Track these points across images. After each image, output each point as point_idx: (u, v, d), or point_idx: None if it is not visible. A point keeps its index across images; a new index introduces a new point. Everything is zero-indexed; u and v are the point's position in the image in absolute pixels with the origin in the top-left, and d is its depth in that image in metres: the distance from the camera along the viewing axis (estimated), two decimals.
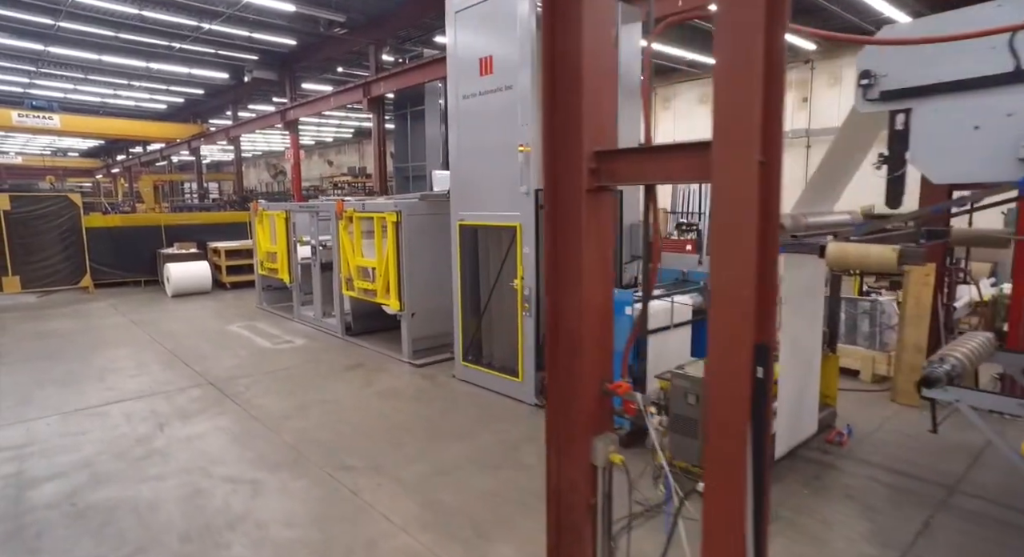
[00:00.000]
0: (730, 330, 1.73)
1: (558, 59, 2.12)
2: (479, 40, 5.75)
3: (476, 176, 6.00)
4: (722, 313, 1.73)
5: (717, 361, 1.77)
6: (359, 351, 7.81)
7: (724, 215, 1.70)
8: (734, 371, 1.73)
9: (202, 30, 13.20)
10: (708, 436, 1.83)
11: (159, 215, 14.80)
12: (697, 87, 17.37)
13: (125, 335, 8.83)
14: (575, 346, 2.23)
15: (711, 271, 1.76)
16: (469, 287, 6.41)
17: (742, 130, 1.64)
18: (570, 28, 2.06)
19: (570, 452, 2.33)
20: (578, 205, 2.11)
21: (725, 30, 1.64)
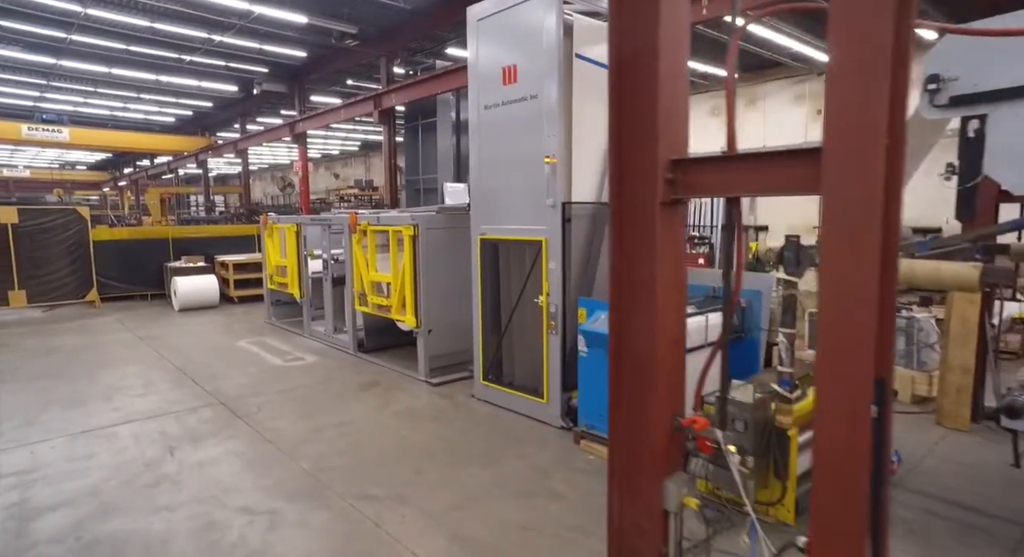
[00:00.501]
0: (845, 364, 1.50)
1: (628, 60, 1.92)
2: (503, 49, 5.58)
3: (498, 189, 5.81)
4: (835, 344, 1.50)
5: (829, 400, 1.54)
6: (373, 369, 7.57)
7: (840, 232, 1.48)
8: (851, 411, 1.50)
9: (212, 42, 13.15)
10: (817, 485, 1.59)
11: (166, 228, 14.66)
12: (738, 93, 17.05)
13: (132, 351, 8.62)
14: (645, 375, 2.00)
15: (821, 295, 1.54)
16: (489, 303, 6.18)
17: (863, 135, 1.42)
18: (645, 24, 1.85)
19: (636, 493, 2.08)
20: (651, 219, 1.89)
21: (845, 17, 1.43)
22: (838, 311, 1.47)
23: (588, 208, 5.62)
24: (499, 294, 6.22)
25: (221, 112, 21.78)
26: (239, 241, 14.74)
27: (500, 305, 6.21)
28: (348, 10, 11.43)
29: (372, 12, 11.60)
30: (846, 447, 1.50)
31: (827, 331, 1.51)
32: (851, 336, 1.47)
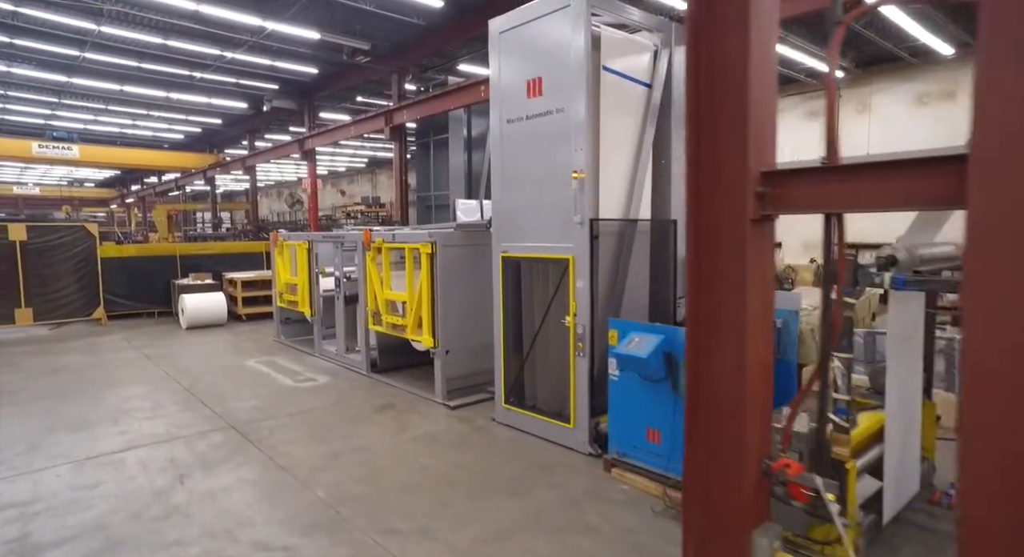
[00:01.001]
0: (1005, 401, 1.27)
1: (712, 62, 1.72)
2: (527, 62, 5.43)
3: (522, 205, 5.62)
4: (986, 380, 1.28)
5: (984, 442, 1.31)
6: (387, 390, 7.33)
7: (997, 250, 1.26)
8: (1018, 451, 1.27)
9: (224, 59, 13.13)
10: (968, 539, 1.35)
11: (174, 245, 14.54)
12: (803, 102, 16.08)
13: (139, 371, 8.40)
14: (731, 417, 1.77)
15: (968, 322, 1.31)
16: (511, 324, 5.96)
17: None
18: (735, 22, 1.66)
19: (718, 548, 1.84)
20: (740, 238, 1.68)
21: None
22: (998, 342, 1.24)
23: (615, 225, 5.42)
24: (520, 314, 6.00)
25: (229, 129, 21.81)
26: (247, 258, 14.61)
27: (522, 325, 5.99)
28: (360, 26, 11.39)
29: (385, 28, 11.55)
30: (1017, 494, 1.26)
31: (977, 362, 1.28)
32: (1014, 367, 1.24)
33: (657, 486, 4.34)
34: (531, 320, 5.88)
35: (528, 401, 5.94)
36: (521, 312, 5.98)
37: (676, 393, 4.24)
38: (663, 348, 4.22)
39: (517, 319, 5.98)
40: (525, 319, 5.95)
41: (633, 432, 4.58)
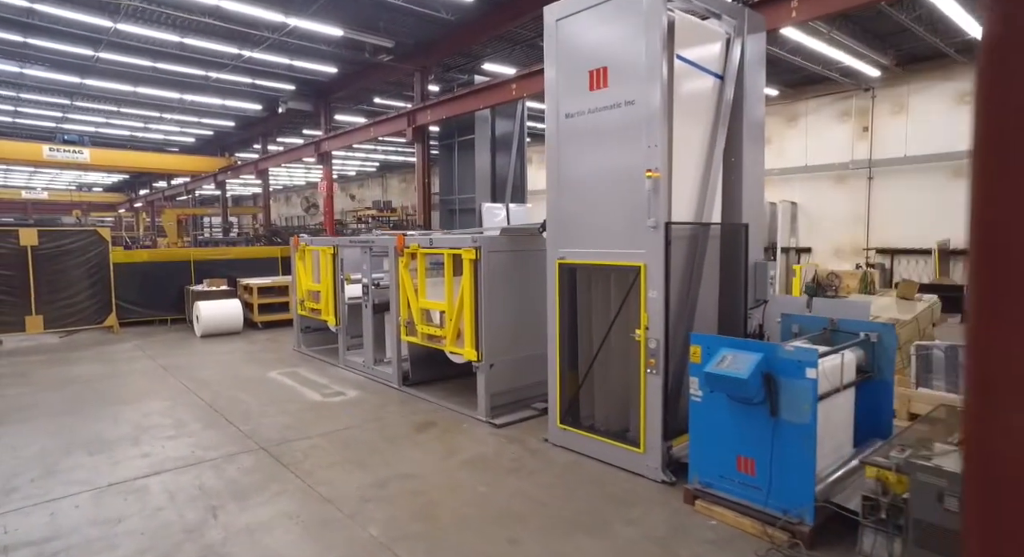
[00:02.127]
0: None
1: None
2: (589, 50, 4.97)
3: (582, 207, 5.14)
4: None
5: None
6: (424, 406, 6.84)
7: None
8: None
9: (241, 58, 12.73)
10: None
11: (188, 250, 14.13)
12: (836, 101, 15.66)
13: (156, 383, 7.94)
14: None
15: None
16: (567, 336, 5.47)
17: None
18: None
19: None
20: None
21: None
22: None
23: (687, 229, 4.94)
24: (575, 325, 5.51)
25: (241, 132, 21.45)
26: (262, 264, 14.18)
27: (577, 338, 5.50)
28: (384, 23, 10.98)
29: (410, 24, 11.15)
30: None
31: None
32: None
33: (754, 523, 3.83)
34: (587, 332, 5.40)
35: (584, 420, 5.45)
36: (576, 323, 5.50)
37: (775, 418, 3.75)
38: (762, 368, 3.73)
39: (572, 331, 5.49)
40: (581, 331, 5.46)
41: (720, 460, 4.08)
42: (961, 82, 13.21)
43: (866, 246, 15.15)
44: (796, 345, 3.72)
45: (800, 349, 3.67)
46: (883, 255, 14.82)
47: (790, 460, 3.68)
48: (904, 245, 14.46)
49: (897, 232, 14.61)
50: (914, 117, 14.06)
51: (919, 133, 13.93)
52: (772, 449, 3.77)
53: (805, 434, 3.61)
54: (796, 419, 3.65)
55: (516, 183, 12.23)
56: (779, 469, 3.74)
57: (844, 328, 4.75)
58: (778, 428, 3.74)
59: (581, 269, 5.31)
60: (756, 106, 5.41)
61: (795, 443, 3.66)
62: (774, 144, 16.79)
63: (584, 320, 5.43)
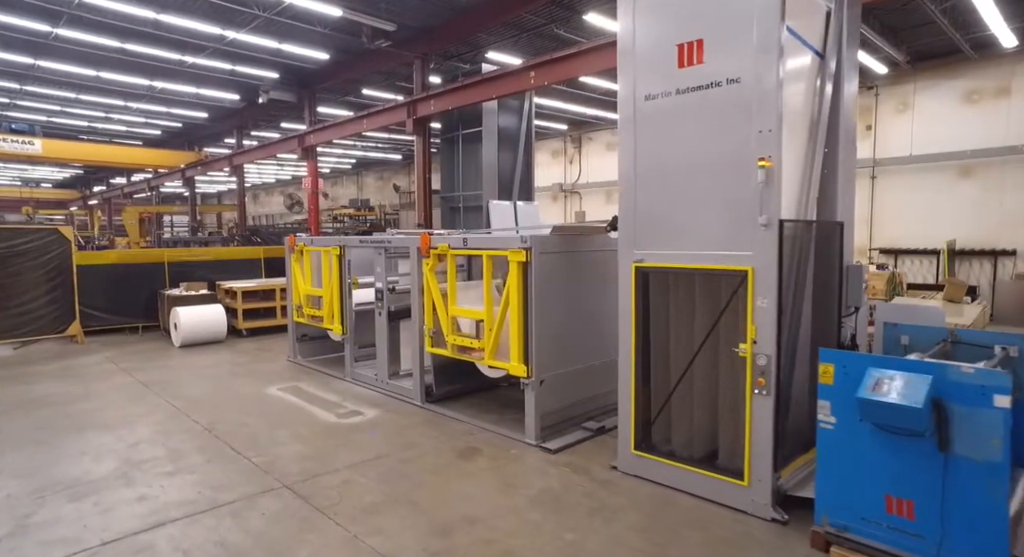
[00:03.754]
0: None
1: None
2: (679, 20, 4.30)
3: (667, 203, 4.47)
4: None
5: None
6: (458, 428, 6.06)
7: None
8: None
9: (224, 41, 11.59)
10: None
11: (162, 251, 12.94)
12: None
13: (139, 404, 6.93)
14: None
15: None
16: (640, 349, 4.79)
17: None
18: None
19: None
20: None
21: None
22: None
23: (789, 228, 4.31)
24: (648, 337, 4.84)
25: (215, 124, 20.04)
26: (241, 265, 13.07)
27: (650, 351, 4.83)
28: (387, 3, 10.10)
29: (414, 6, 10.29)
30: None
31: None
32: None
33: None
34: (663, 345, 4.74)
35: (660, 445, 4.79)
36: (648, 335, 4.82)
37: (945, 453, 3.14)
38: (931, 393, 3.12)
39: (644, 344, 4.82)
40: (655, 344, 4.79)
41: (862, 499, 3.46)
42: (969, 80, 13.09)
43: (870, 246, 14.97)
44: (976, 367, 3.12)
45: (983, 371, 3.07)
46: (887, 255, 14.65)
47: (970, 505, 3.08)
48: (909, 245, 14.31)
49: (901, 232, 14.44)
50: (920, 116, 13.91)
51: (925, 132, 13.77)
52: (943, 490, 3.15)
53: (993, 474, 3.01)
54: (978, 456, 3.04)
55: (523, 180, 11.51)
56: (953, 515, 3.13)
57: (968, 340, 4.20)
58: (950, 465, 3.13)
59: (655, 273, 4.64)
60: (850, 91, 4.84)
61: (977, 485, 3.05)
62: None
63: (659, 331, 4.76)
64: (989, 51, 12.38)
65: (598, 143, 21.24)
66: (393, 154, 27.65)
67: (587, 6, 10.03)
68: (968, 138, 13.14)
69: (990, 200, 13.08)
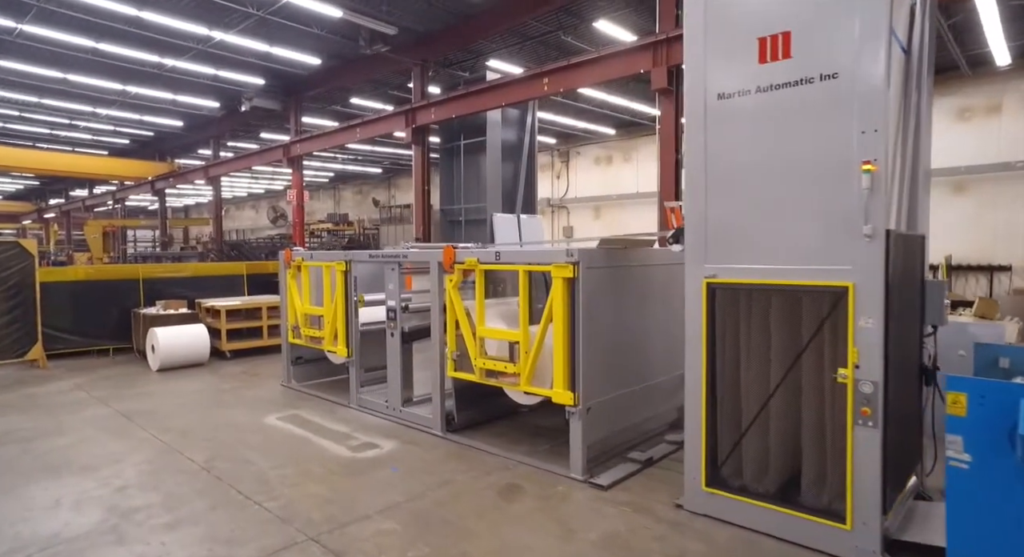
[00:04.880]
0: None
1: None
2: (760, 10, 3.92)
3: (746, 212, 4.05)
4: None
5: None
6: (490, 461, 5.48)
7: None
8: None
9: (210, 42, 10.89)
10: None
11: (136, 267, 12.02)
12: None
13: (121, 439, 6.14)
14: None
15: None
16: (708, 373, 4.33)
17: None
18: None
19: None
20: None
21: None
22: None
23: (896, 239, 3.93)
24: (712, 359, 4.38)
25: (191, 133, 19.05)
26: (222, 282, 12.25)
27: (715, 374, 4.37)
28: (387, 7, 9.61)
29: (416, 10, 9.83)
30: None
31: None
32: None
33: None
34: (732, 369, 4.29)
35: (730, 479, 4.31)
36: (714, 356, 4.37)
37: None
38: None
39: (711, 367, 4.36)
40: (722, 367, 4.34)
41: (1008, 550, 3.03)
42: (962, 97, 13.26)
43: None
44: None
45: None
46: None
47: None
48: (973, 261, 14.27)
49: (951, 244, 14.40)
50: None
51: None
52: None
53: None
54: None
55: (526, 192, 11.09)
56: None
57: None
58: None
59: (724, 290, 4.20)
60: (929, 91, 4.53)
61: None
62: None
63: (727, 353, 4.31)
64: (982, 69, 12.56)
65: (586, 158, 21.03)
66: (373, 167, 26.97)
67: (597, 13, 9.74)
68: (961, 154, 13.28)
69: (984, 216, 13.20)
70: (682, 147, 4.41)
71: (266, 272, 12.96)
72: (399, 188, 28.81)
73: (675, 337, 6.27)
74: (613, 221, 20.41)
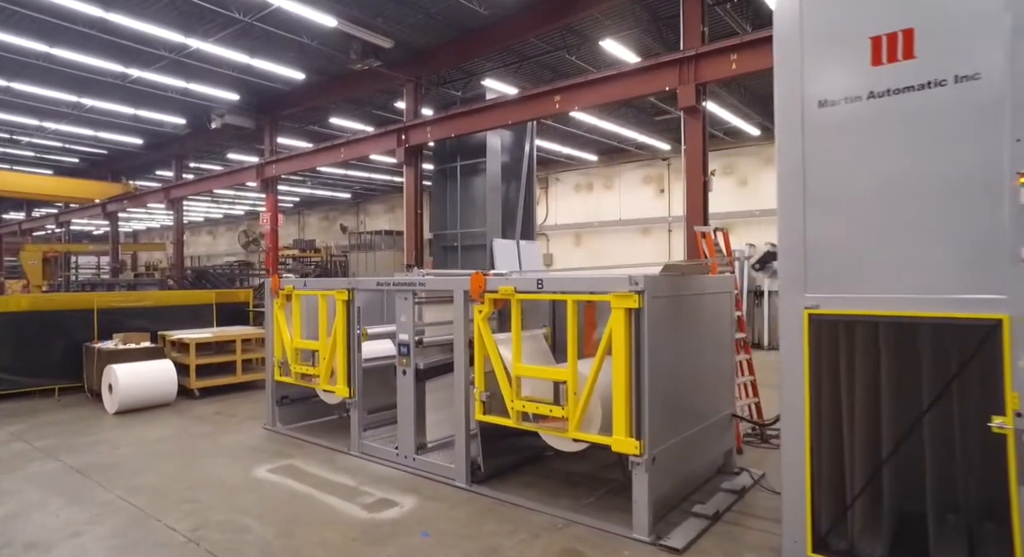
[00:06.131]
0: None
1: None
2: (873, 5, 3.50)
3: (856, 233, 3.56)
4: None
5: None
6: (533, 519, 4.73)
7: None
8: None
9: (185, 51, 10.01)
10: None
11: (91, 295, 10.77)
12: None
13: (78, 503, 5.10)
14: None
15: None
16: (812, 421, 3.76)
17: None
18: None
19: None
20: None
21: None
22: None
23: None
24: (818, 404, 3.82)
25: (149, 153, 17.74)
26: (188, 312, 11.14)
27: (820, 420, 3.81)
28: (384, 19, 9.03)
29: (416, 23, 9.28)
30: None
31: None
32: None
33: None
34: (830, 412, 3.75)
35: (833, 541, 3.71)
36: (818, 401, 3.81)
37: None
38: None
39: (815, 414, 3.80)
40: (823, 410, 3.79)
41: None
42: None
43: None
44: None
45: None
46: None
47: None
48: None
49: None
50: None
51: None
52: None
53: None
54: None
55: (526, 217, 10.54)
56: None
57: None
58: None
59: (829, 322, 3.68)
60: None
61: None
62: (750, 184, 16.62)
63: (826, 395, 3.77)
64: None
65: (566, 184, 20.79)
66: (343, 192, 26.03)
67: (603, 32, 9.43)
68: None
69: None
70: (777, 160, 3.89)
71: (237, 301, 11.92)
72: (369, 214, 27.92)
73: (722, 372, 5.79)
74: (594, 249, 20.13)
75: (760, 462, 6.08)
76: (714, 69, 6.74)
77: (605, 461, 5.83)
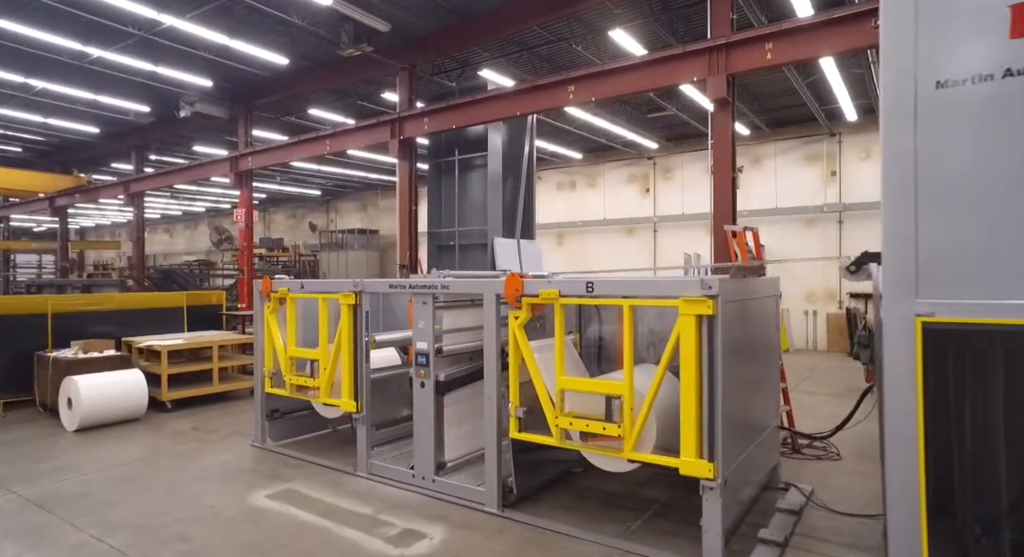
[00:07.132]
0: None
1: None
2: None
3: (982, 231, 3.15)
4: None
5: None
6: (580, 550, 4.21)
7: None
8: None
9: (156, 28, 9.03)
10: None
11: (44, 298, 9.70)
12: None
13: (40, 548, 4.30)
14: None
15: None
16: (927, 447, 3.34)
17: None
18: None
19: None
20: None
21: None
22: None
23: None
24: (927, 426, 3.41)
25: (106, 143, 16.37)
26: (155, 316, 10.21)
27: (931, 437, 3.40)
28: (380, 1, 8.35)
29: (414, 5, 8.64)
30: None
31: None
32: None
33: None
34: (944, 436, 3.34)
35: None
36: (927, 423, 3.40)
37: None
38: None
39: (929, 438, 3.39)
40: (931, 433, 3.38)
41: None
42: None
43: (839, 290, 15.04)
44: None
45: None
46: (858, 300, 14.72)
47: None
48: None
49: None
50: None
51: None
52: None
53: None
54: None
55: (525, 215, 10.01)
56: None
57: None
58: None
59: (947, 333, 3.27)
60: None
61: None
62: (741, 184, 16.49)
63: (937, 414, 3.36)
64: None
65: (548, 182, 20.33)
66: (312, 189, 24.94)
67: (612, 22, 8.98)
68: None
69: None
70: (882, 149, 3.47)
71: (209, 304, 11.00)
72: (339, 212, 26.88)
73: (772, 381, 5.40)
74: (577, 248, 19.75)
75: (798, 475, 5.73)
76: (747, 59, 6.38)
77: (638, 478, 5.38)
